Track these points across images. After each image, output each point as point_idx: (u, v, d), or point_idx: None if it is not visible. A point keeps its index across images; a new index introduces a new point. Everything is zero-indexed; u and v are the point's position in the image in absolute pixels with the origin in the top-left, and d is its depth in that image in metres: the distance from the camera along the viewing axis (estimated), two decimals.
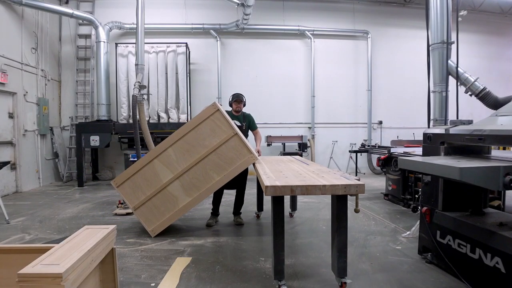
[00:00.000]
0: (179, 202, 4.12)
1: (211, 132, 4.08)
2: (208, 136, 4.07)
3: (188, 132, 4.10)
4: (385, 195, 6.22)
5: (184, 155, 4.08)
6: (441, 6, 4.62)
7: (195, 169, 4.08)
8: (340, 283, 2.68)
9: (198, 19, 9.57)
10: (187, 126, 4.15)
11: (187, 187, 4.10)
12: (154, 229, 4.12)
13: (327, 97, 10.26)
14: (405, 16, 10.46)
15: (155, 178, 4.12)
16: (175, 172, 4.09)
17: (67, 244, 1.99)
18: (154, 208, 4.12)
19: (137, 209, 4.15)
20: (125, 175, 4.21)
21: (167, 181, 4.10)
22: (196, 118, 4.18)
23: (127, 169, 4.26)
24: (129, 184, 4.19)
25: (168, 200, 4.12)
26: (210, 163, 4.07)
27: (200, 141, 4.07)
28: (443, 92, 4.62)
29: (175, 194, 4.11)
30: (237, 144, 4.08)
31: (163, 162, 4.12)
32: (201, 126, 4.10)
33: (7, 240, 4.11)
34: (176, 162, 4.10)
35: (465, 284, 2.78)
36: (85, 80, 9.44)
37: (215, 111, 4.10)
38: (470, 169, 2.20)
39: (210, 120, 4.10)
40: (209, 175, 4.08)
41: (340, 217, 2.68)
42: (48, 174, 8.54)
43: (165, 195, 4.12)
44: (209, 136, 4.07)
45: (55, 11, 8.29)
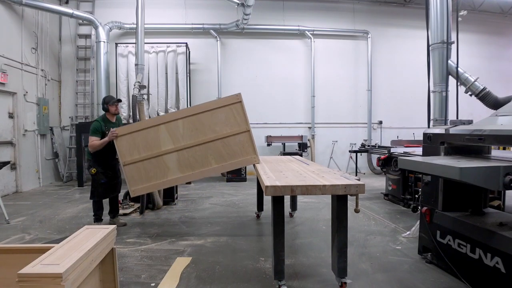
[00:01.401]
0: (170, 174, 4.09)
1: (225, 120, 4.06)
2: (221, 123, 4.06)
3: (203, 111, 4.07)
4: (385, 195, 6.22)
5: (192, 132, 4.05)
6: (441, 6, 4.62)
7: (197, 149, 4.05)
8: (340, 283, 2.68)
9: (198, 19, 9.57)
10: (204, 106, 4.12)
11: (183, 163, 4.07)
12: (136, 190, 4.11)
13: (327, 97, 10.26)
14: (405, 16, 10.46)
15: (155, 143, 4.06)
16: (177, 144, 4.05)
17: (67, 244, 1.99)
18: (143, 171, 4.07)
19: (126, 165, 4.07)
20: (128, 129, 4.14)
21: (166, 150, 4.05)
22: (216, 102, 4.18)
23: (132, 124, 4.20)
24: (128, 139, 4.09)
25: (160, 168, 4.08)
26: (213, 149, 4.05)
27: (212, 125, 4.05)
28: (443, 92, 4.61)
29: (168, 165, 4.07)
30: (245, 140, 4.08)
31: (169, 130, 4.07)
32: (218, 111, 4.07)
33: (7, 240, 4.11)
34: (182, 135, 4.06)
35: (465, 284, 2.78)
36: (85, 80, 9.44)
37: (237, 101, 4.09)
38: (470, 169, 2.20)
39: (229, 109, 4.07)
40: (207, 159, 4.06)
41: (340, 217, 2.68)
42: (48, 174, 8.54)
43: (159, 162, 4.07)
44: (222, 123, 4.06)
45: (55, 11, 8.29)
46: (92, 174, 4.33)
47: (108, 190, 4.47)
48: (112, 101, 4.45)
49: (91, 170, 4.33)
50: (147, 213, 5.42)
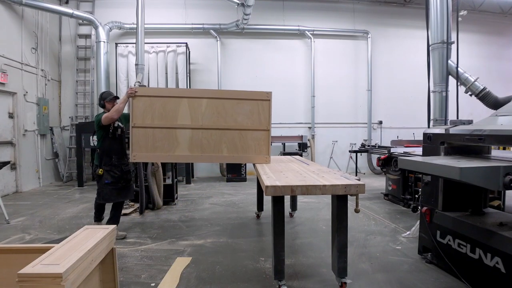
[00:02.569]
0: (178, 149, 3.95)
1: (249, 113, 4.02)
2: (244, 115, 4.01)
3: (230, 98, 4.01)
4: (385, 195, 6.22)
5: (213, 114, 3.97)
6: (441, 6, 4.62)
7: (212, 133, 3.98)
8: (340, 283, 2.68)
9: (198, 19, 9.57)
10: (232, 93, 4.11)
11: (195, 142, 3.96)
12: (137, 156, 3.94)
13: (327, 97, 10.26)
14: (405, 16, 10.46)
15: (173, 115, 3.91)
16: (194, 122, 3.94)
17: (67, 244, 1.99)
18: (151, 139, 3.91)
19: (135, 127, 3.88)
20: (148, 91, 3.96)
21: (181, 125, 3.92)
22: (245, 93, 4.14)
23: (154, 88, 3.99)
24: (145, 102, 3.88)
25: (170, 141, 3.93)
26: (229, 137, 4.00)
27: (235, 114, 3.99)
28: (443, 92, 4.61)
29: (179, 140, 3.94)
30: (262, 139, 4.08)
31: (190, 106, 3.95)
32: (244, 102, 4.04)
33: (7, 240, 4.11)
34: (202, 115, 3.95)
35: (465, 284, 2.78)
36: (85, 80, 9.44)
37: (267, 99, 4.07)
38: (470, 169, 2.20)
39: (255, 103, 4.03)
40: (220, 146, 4.00)
41: (340, 217, 2.68)
42: (48, 174, 8.54)
43: (170, 134, 3.93)
44: (244, 116, 4.01)
45: (55, 11, 8.29)
46: (98, 175, 4.09)
47: (113, 192, 4.11)
48: (109, 98, 4.21)
49: (98, 172, 4.09)
50: (147, 213, 5.42)
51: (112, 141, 4.13)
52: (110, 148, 4.12)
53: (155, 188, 5.60)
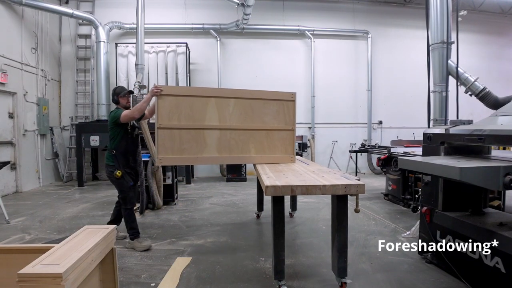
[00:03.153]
0: (206, 151, 3.79)
1: (276, 113, 4.04)
2: (271, 115, 4.02)
3: (257, 98, 3.98)
4: (385, 195, 6.22)
5: (241, 114, 3.90)
6: (441, 6, 4.62)
7: (240, 134, 3.91)
8: (340, 283, 2.68)
9: (198, 19, 9.57)
10: (259, 94, 4.03)
11: (223, 143, 3.85)
12: (164, 159, 3.66)
13: (327, 97, 10.26)
14: (405, 16, 10.46)
15: (200, 115, 3.75)
16: (222, 122, 3.83)
17: (67, 244, 1.99)
18: (178, 140, 3.68)
19: (161, 128, 3.62)
20: (174, 90, 3.75)
21: (209, 125, 3.78)
22: (271, 93, 4.13)
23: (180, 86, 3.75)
24: (171, 102, 3.66)
25: (198, 142, 3.76)
26: (257, 138, 3.97)
27: (262, 114, 3.98)
28: (443, 92, 4.61)
29: (207, 142, 3.79)
30: (288, 138, 4.14)
31: (218, 106, 3.82)
32: (271, 102, 4.04)
33: (7, 240, 4.11)
34: (230, 115, 3.86)
35: (465, 284, 2.78)
36: (85, 80, 9.44)
37: (291, 100, 4.11)
38: (470, 169, 2.20)
39: (281, 103, 4.06)
40: (248, 147, 3.94)
41: (340, 217, 2.68)
42: (48, 174, 8.54)
43: (198, 136, 3.76)
44: (271, 116, 4.02)
45: (55, 11, 8.30)
46: (117, 178, 3.77)
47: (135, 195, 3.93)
48: (123, 93, 3.97)
49: (116, 173, 3.75)
50: (147, 213, 5.42)
51: (129, 141, 3.91)
52: (127, 149, 3.89)
53: (155, 188, 5.60)
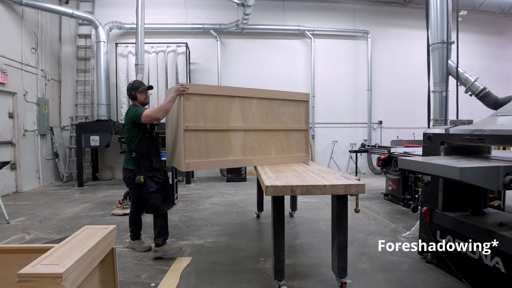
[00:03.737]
0: (231, 153, 3.62)
1: (293, 114, 4.11)
2: (288, 115, 4.08)
3: (276, 99, 3.98)
4: (385, 195, 6.22)
5: (263, 115, 3.85)
6: (441, 6, 4.62)
7: (262, 134, 3.84)
8: (340, 283, 2.68)
9: (198, 19, 9.57)
10: (277, 94, 4.02)
11: (247, 145, 3.73)
12: (190, 164, 3.36)
13: (327, 97, 10.26)
14: (405, 16, 10.46)
15: (225, 116, 3.58)
16: (246, 123, 3.71)
17: (67, 244, 1.99)
18: (204, 143, 3.44)
19: (187, 131, 3.33)
20: (200, 89, 3.48)
21: (234, 127, 3.63)
22: (288, 93, 4.15)
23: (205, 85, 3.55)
24: (197, 101, 3.39)
25: (223, 145, 3.57)
26: (277, 138, 3.98)
27: (280, 114, 4.00)
28: (443, 92, 4.61)
29: (232, 144, 3.62)
30: (303, 138, 4.26)
31: (242, 106, 3.68)
32: (288, 103, 4.07)
33: (7, 240, 4.11)
34: (252, 116, 3.76)
35: (465, 284, 2.78)
36: (85, 80, 9.44)
37: (306, 100, 4.25)
38: (470, 169, 2.20)
39: (297, 104, 4.15)
40: (269, 147, 3.92)
41: (340, 217, 2.68)
42: (48, 174, 8.54)
43: (224, 137, 3.57)
44: (288, 116, 4.08)
45: (55, 11, 8.29)
46: (140, 184, 3.43)
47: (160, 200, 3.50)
48: (142, 88, 3.64)
49: (139, 180, 3.42)
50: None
51: (150, 142, 3.58)
52: (148, 150, 3.54)
53: None
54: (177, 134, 3.42)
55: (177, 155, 3.48)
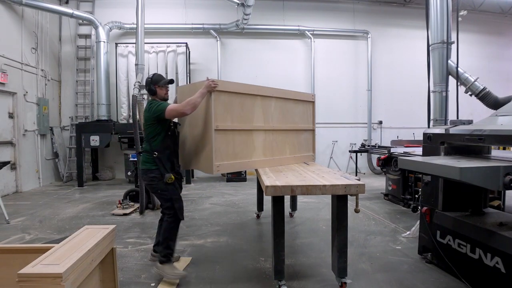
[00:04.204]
0: (255, 155, 3.52)
1: (302, 114, 4.18)
2: (299, 116, 4.12)
3: (290, 99, 3.98)
4: (385, 195, 6.22)
5: (279, 115, 3.81)
6: (441, 6, 4.62)
7: (279, 134, 3.81)
8: (340, 283, 2.68)
9: (198, 19, 9.57)
10: (290, 94, 3.99)
11: (267, 145, 3.66)
12: (221, 167, 3.16)
13: (327, 97, 10.25)
14: (405, 16, 10.46)
15: (249, 115, 3.46)
16: (266, 123, 3.64)
17: (67, 244, 1.99)
18: (232, 144, 3.28)
19: (217, 130, 3.13)
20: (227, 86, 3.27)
21: (256, 126, 3.54)
22: (299, 94, 4.18)
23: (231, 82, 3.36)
24: (225, 99, 3.21)
25: (247, 145, 3.45)
26: (290, 138, 4.00)
27: (293, 114, 4.03)
28: (443, 92, 4.61)
29: (255, 145, 3.52)
30: (310, 138, 4.33)
31: (263, 106, 3.59)
32: (298, 103, 4.13)
33: (7, 240, 4.11)
34: (271, 116, 3.70)
35: (465, 284, 2.78)
36: (85, 80, 9.44)
37: (312, 101, 4.31)
38: (470, 169, 2.20)
39: (305, 105, 4.22)
40: (284, 147, 3.91)
41: (340, 217, 2.68)
42: (48, 174, 8.54)
43: (248, 138, 3.45)
44: (299, 116, 4.13)
45: (55, 11, 8.29)
46: (168, 183, 3.09)
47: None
48: (163, 81, 3.30)
49: (169, 179, 3.06)
50: (147, 213, 5.42)
51: (172, 141, 3.28)
52: (171, 150, 3.25)
53: None
54: (205, 134, 3.18)
55: (204, 157, 3.22)
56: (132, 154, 7.77)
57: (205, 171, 3.26)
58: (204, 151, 3.23)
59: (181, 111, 3.04)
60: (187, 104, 3.01)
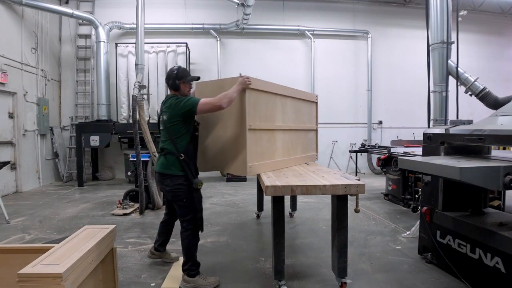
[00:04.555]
0: (276, 155, 3.45)
1: (308, 114, 4.22)
2: (306, 115, 4.16)
3: (300, 99, 3.95)
4: (385, 195, 6.22)
5: (293, 114, 3.79)
6: (441, 6, 4.62)
7: (293, 134, 3.78)
8: (340, 283, 2.68)
9: (198, 19, 9.57)
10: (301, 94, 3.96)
11: (285, 145, 3.58)
12: (253, 168, 3.01)
13: (327, 97, 10.23)
14: (405, 16, 10.46)
15: (272, 114, 3.34)
16: (284, 123, 3.58)
17: (67, 244, 1.99)
18: (260, 143, 3.15)
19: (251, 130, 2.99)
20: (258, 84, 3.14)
21: (278, 126, 3.48)
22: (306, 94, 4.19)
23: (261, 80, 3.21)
24: (254, 97, 3.07)
25: (271, 145, 3.36)
26: (300, 138, 4.01)
27: (302, 114, 4.06)
28: (443, 92, 4.61)
29: (277, 145, 3.45)
30: (314, 137, 4.38)
31: (282, 105, 3.53)
32: (306, 103, 4.16)
33: (7, 240, 4.11)
34: (288, 115, 3.64)
35: (465, 284, 2.78)
36: (85, 80, 9.44)
37: (316, 102, 4.36)
38: (470, 169, 2.19)
39: (310, 105, 4.25)
40: (297, 147, 3.90)
41: (340, 217, 2.68)
42: (48, 174, 8.54)
43: (271, 137, 3.35)
44: (307, 116, 4.17)
45: (55, 11, 8.29)
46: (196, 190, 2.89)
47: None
48: (189, 78, 3.03)
49: (198, 184, 2.84)
50: (147, 213, 5.42)
51: (196, 142, 3.02)
52: (194, 153, 2.99)
53: (155, 188, 5.60)
54: (236, 134, 3.00)
55: (234, 158, 3.04)
56: (132, 154, 7.77)
57: (235, 173, 3.09)
58: (233, 152, 3.03)
59: (218, 104, 2.76)
60: (224, 97, 2.76)
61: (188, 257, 2.83)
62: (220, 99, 2.77)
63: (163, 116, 2.94)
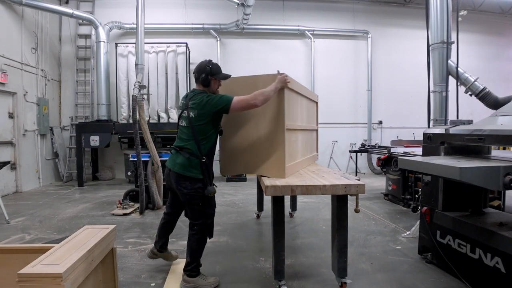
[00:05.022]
0: (298, 155, 3.35)
1: (313, 113, 4.20)
2: (311, 115, 4.16)
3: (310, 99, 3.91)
4: (385, 195, 6.22)
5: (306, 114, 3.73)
6: (441, 6, 4.62)
7: (306, 134, 3.74)
8: (340, 283, 2.68)
9: (198, 19, 9.57)
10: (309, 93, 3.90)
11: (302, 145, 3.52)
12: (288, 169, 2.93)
13: (327, 97, 10.22)
14: (405, 16, 10.46)
15: (294, 114, 3.21)
16: (301, 123, 3.51)
17: (67, 244, 1.99)
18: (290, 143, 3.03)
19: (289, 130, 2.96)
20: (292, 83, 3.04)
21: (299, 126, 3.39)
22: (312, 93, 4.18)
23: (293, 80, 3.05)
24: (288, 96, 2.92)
25: (296, 145, 3.27)
26: (308, 138, 3.96)
27: (310, 114, 4.04)
28: (443, 92, 4.61)
29: (298, 144, 3.37)
30: (315, 138, 4.41)
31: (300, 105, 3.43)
32: (311, 103, 4.12)
33: (7, 240, 4.11)
34: (303, 115, 3.55)
35: (465, 284, 2.78)
36: (85, 80, 9.44)
37: (317, 102, 4.39)
38: (470, 169, 2.19)
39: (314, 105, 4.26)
40: (307, 147, 3.87)
41: (340, 217, 2.68)
42: (48, 174, 8.53)
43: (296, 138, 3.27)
44: (312, 116, 4.16)
45: (55, 11, 8.29)
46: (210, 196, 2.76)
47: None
48: (222, 75, 2.87)
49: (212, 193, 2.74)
50: (147, 213, 5.42)
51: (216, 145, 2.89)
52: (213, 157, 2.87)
53: (155, 188, 5.60)
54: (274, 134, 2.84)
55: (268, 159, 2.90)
56: (132, 154, 7.78)
57: (270, 174, 2.89)
58: (268, 153, 2.89)
59: (253, 102, 2.62)
60: (260, 95, 2.62)
61: (192, 259, 2.80)
62: (255, 97, 2.63)
63: (189, 113, 2.73)
